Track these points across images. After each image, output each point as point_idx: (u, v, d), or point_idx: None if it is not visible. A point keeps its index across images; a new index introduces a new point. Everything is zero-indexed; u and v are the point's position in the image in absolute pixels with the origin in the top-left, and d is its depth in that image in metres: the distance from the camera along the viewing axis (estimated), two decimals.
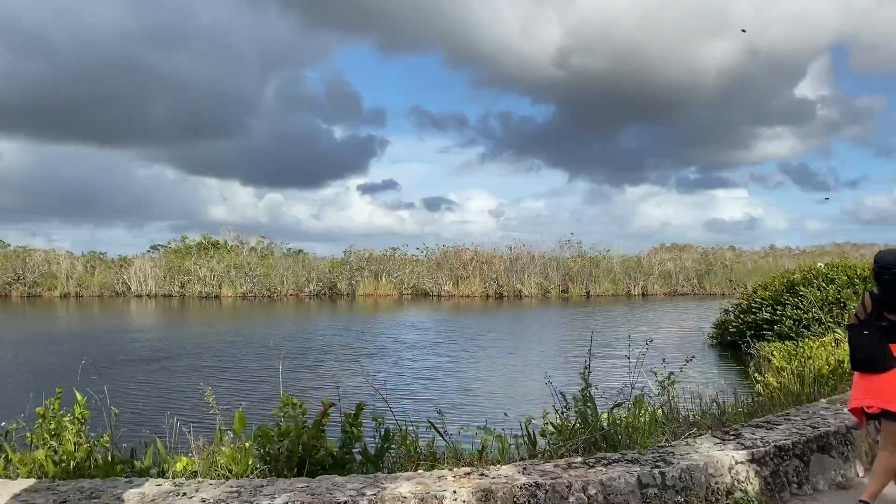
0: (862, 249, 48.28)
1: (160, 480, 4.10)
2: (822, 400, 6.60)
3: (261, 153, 77.66)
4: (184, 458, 4.79)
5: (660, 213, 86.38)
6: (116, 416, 5.60)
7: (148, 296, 39.67)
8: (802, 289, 14.35)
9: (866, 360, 4.52)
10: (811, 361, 8.96)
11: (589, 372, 5.80)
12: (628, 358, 6.55)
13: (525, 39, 74.48)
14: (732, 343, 15.80)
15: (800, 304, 14.11)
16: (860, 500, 4.55)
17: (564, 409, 5.66)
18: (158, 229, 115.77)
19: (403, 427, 5.44)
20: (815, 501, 4.86)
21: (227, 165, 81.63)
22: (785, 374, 9.01)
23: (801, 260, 36.23)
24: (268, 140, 77.45)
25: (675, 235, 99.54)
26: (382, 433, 5.14)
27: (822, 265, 16.29)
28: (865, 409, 4.59)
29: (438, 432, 5.58)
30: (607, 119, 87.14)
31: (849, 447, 5.43)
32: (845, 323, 4.87)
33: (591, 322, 23.14)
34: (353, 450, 4.97)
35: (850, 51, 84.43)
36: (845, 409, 5.95)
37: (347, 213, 79.83)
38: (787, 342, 12.42)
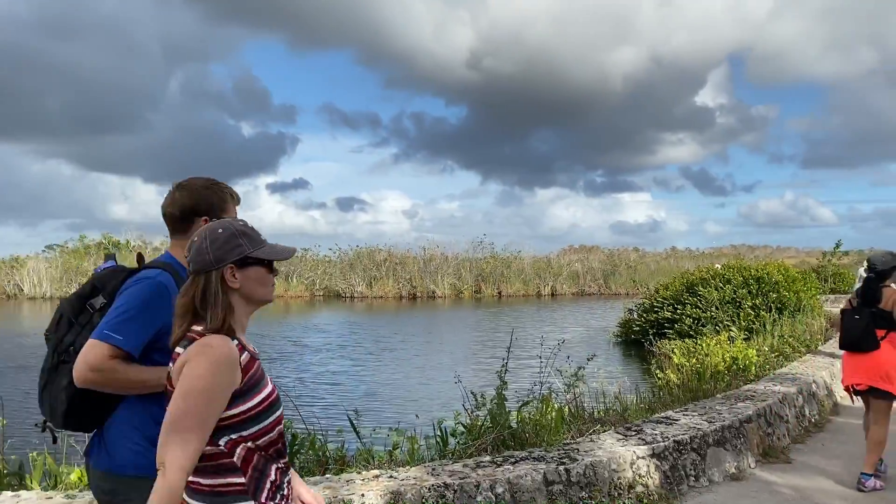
0: (756, 251, 50.99)
1: (51, 493, 3.89)
2: (718, 395, 6.91)
3: (164, 149, 75.03)
4: (77, 469, 4.56)
5: (568, 215, 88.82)
6: (3, 427, 5.28)
7: (42, 298, 37.56)
8: (701, 289, 15.00)
9: (854, 341, 5.12)
10: (708, 358, 9.38)
11: (506, 371, 5.90)
12: (540, 357, 6.69)
13: (438, 40, 75.05)
14: (636, 341, 16.31)
15: (699, 304, 14.75)
16: (863, 474, 5.05)
17: (475, 409, 5.72)
18: (54, 228, 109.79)
19: (311, 432, 5.36)
20: (711, 493, 5.08)
21: (129, 162, 78.52)
22: (684, 370, 9.40)
23: (700, 261, 37.89)
24: (172, 135, 74.94)
25: (583, 237, 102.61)
26: (289, 438, 5.04)
27: (720, 266, 17.10)
28: (855, 387, 5.14)
29: (355, 431, 5.56)
30: (519, 122, 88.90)
31: (742, 440, 5.70)
32: (841, 308, 5.57)
33: (501, 323, 23.43)
34: None
35: (747, 61, 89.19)
36: (739, 404, 6.26)
37: (256, 212, 78.17)
38: (686, 340, 12.96)
